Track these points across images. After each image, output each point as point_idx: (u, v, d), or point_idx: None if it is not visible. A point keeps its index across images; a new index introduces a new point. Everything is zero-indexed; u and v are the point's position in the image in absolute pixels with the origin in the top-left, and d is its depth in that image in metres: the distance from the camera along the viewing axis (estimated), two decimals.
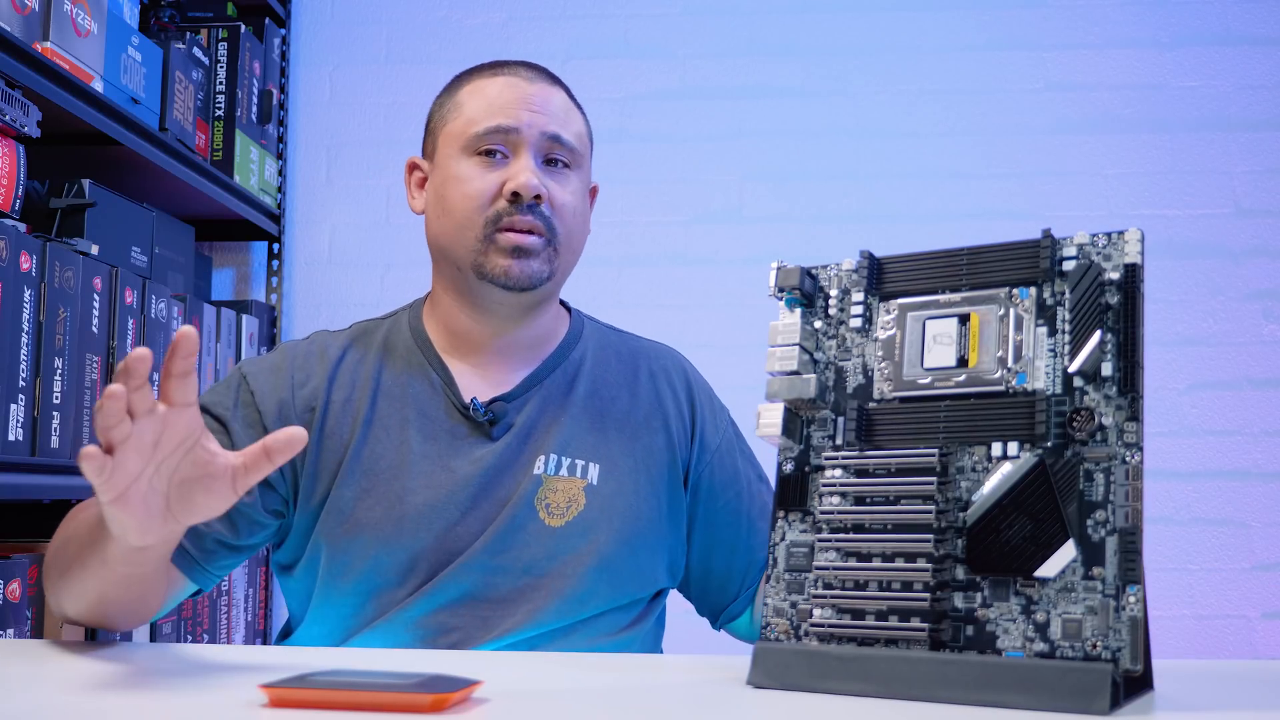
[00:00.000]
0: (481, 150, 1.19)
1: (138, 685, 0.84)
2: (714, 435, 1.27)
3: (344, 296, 2.54)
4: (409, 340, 1.24)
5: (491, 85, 1.22)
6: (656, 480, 1.22)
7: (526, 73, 1.23)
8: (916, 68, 2.50)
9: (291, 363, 1.21)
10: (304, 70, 2.59)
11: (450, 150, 1.21)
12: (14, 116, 1.52)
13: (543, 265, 1.18)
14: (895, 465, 0.79)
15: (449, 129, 1.22)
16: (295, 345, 1.24)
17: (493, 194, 1.18)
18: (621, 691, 0.83)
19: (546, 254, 1.18)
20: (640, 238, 2.49)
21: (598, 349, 1.28)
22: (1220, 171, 2.43)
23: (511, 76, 1.22)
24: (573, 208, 1.21)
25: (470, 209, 1.18)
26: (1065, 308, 0.77)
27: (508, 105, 1.20)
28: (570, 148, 1.21)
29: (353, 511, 1.15)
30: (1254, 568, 2.36)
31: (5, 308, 1.47)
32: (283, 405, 1.18)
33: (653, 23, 2.55)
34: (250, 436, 1.15)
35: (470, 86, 1.23)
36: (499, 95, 1.21)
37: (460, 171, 1.19)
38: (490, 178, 1.18)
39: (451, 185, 1.20)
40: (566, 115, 1.23)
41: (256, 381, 1.19)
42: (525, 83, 1.22)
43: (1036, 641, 0.72)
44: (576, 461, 1.19)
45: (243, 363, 1.23)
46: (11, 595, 1.45)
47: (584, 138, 1.25)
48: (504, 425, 1.19)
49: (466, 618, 1.13)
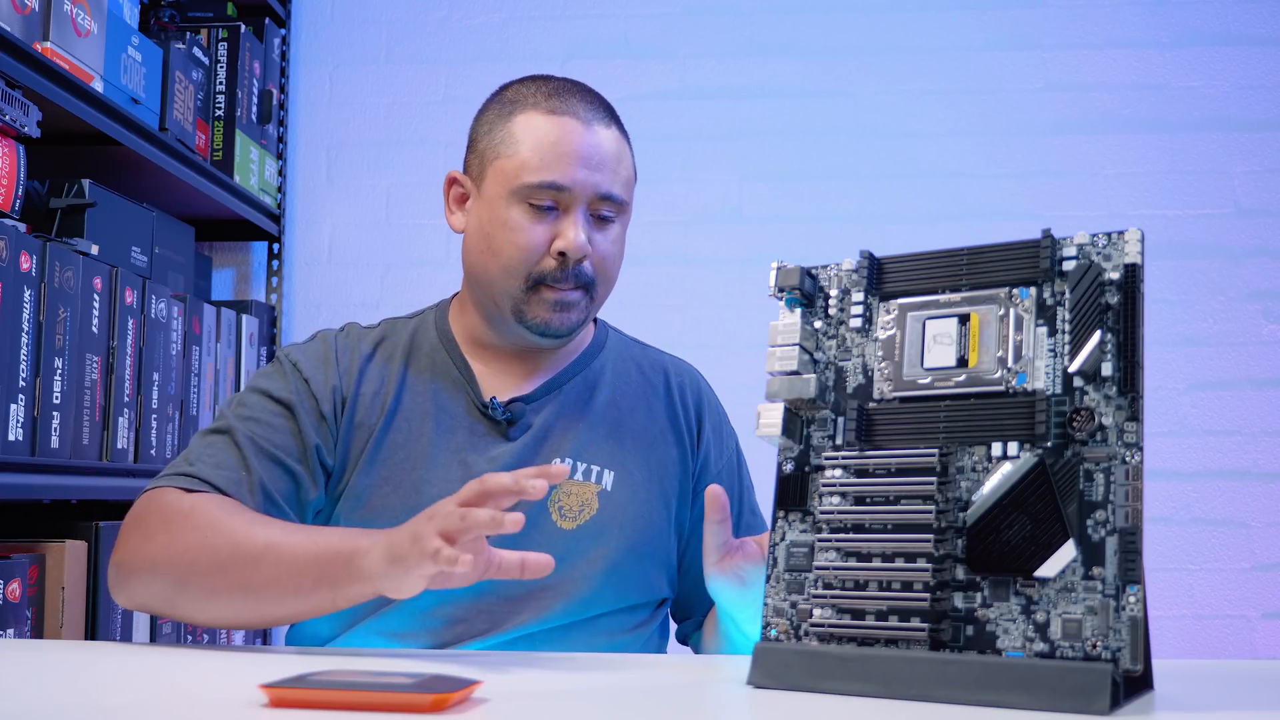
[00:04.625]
0: (531, 201, 1.17)
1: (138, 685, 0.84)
2: (717, 460, 1.29)
3: (344, 296, 2.53)
4: (434, 339, 1.26)
5: (548, 127, 1.18)
6: (668, 493, 1.24)
7: (584, 112, 1.19)
8: (917, 68, 2.50)
9: (334, 351, 1.23)
10: (304, 70, 2.59)
11: (499, 190, 1.19)
12: (14, 116, 1.52)
13: (580, 315, 1.21)
14: (895, 465, 0.79)
15: (500, 165, 1.19)
16: (332, 335, 1.26)
17: (541, 250, 1.18)
18: (621, 691, 0.83)
19: (584, 304, 1.20)
20: (640, 238, 2.48)
21: (619, 360, 1.30)
22: (1220, 171, 2.43)
23: (568, 118, 1.18)
24: (614, 257, 1.22)
25: (517, 259, 1.18)
26: (1065, 308, 0.77)
27: (562, 158, 1.17)
28: (619, 201, 1.20)
29: (370, 498, 1.17)
30: (1254, 568, 2.35)
31: (5, 308, 1.47)
32: (334, 392, 1.20)
33: (653, 23, 2.55)
34: (311, 422, 1.17)
35: (524, 120, 1.19)
36: (555, 144, 1.17)
37: (510, 219, 1.18)
38: (539, 231, 1.17)
39: (500, 231, 1.19)
40: (618, 164, 1.20)
41: (308, 369, 1.21)
42: (582, 128, 1.18)
43: (1036, 641, 0.72)
44: (592, 467, 1.21)
45: (287, 350, 1.24)
46: (11, 595, 1.45)
47: (631, 182, 1.24)
48: (521, 426, 1.21)
49: (473, 612, 1.15)
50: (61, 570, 1.54)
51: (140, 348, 1.81)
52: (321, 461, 1.17)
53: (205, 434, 1.16)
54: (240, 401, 1.18)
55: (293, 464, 1.14)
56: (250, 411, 1.16)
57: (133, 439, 1.79)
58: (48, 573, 1.53)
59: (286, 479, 1.14)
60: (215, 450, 1.13)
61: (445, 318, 1.29)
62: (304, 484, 1.15)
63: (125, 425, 1.77)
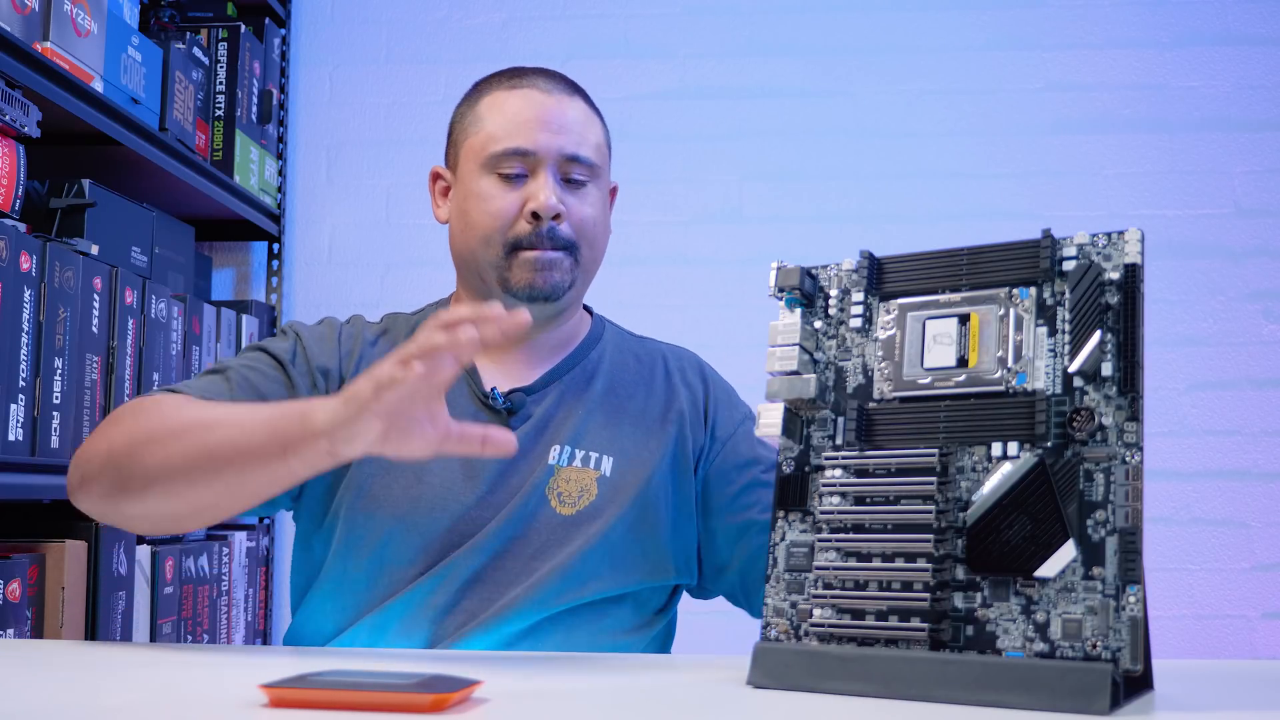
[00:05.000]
0: (500, 170, 1.22)
1: (138, 685, 0.84)
2: (727, 426, 1.28)
3: (344, 296, 2.54)
4: None
5: (510, 100, 1.23)
6: (669, 475, 1.24)
7: (544, 84, 1.24)
8: (917, 68, 2.50)
9: (337, 335, 1.26)
10: (304, 70, 2.59)
11: (471, 166, 1.24)
12: (14, 116, 1.52)
13: (565, 276, 1.22)
14: (895, 465, 0.79)
15: (469, 144, 1.24)
16: (337, 322, 1.29)
17: (513, 213, 1.21)
18: (621, 691, 0.83)
19: (568, 264, 1.22)
20: (640, 238, 2.49)
21: (616, 350, 1.32)
22: (1220, 171, 2.43)
23: (529, 89, 1.24)
24: (592, 219, 1.24)
25: (492, 227, 1.21)
26: (1065, 308, 0.77)
27: (525, 125, 1.21)
28: (588, 163, 1.23)
29: (370, 488, 1.19)
30: (1254, 568, 2.36)
31: (5, 308, 1.47)
32: (328, 373, 1.22)
33: (653, 23, 2.55)
34: (304, 385, 1.20)
35: (489, 99, 1.25)
36: (517, 113, 1.22)
37: (481, 189, 1.22)
38: (510, 197, 1.21)
39: (473, 202, 1.23)
40: (584, 129, 1.24)
41: (309, 343, 1.24)
42: (543, 96, 1.23)
43: (1036, 641, 0.72)
44: (590, 453, 1.22)
45: (293, 323, 1.28)
46: (11, 595, 1.45)
47: (602, 148, 1.26)
48: (522, 416, 1.23)
49: (473, 598, 1.15)
50: (61, 570, 1.54)
51: (140, 348, 1.81)
52: None
53: (204, 372, 1.20)
54: (243, 354, 1.23)
55: None
56: (246, 360, 1.21)
57: None
58: (48, 573, 1.53)
59: None
60: (206, 382, 1.17)
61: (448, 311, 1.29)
62: None
63: None
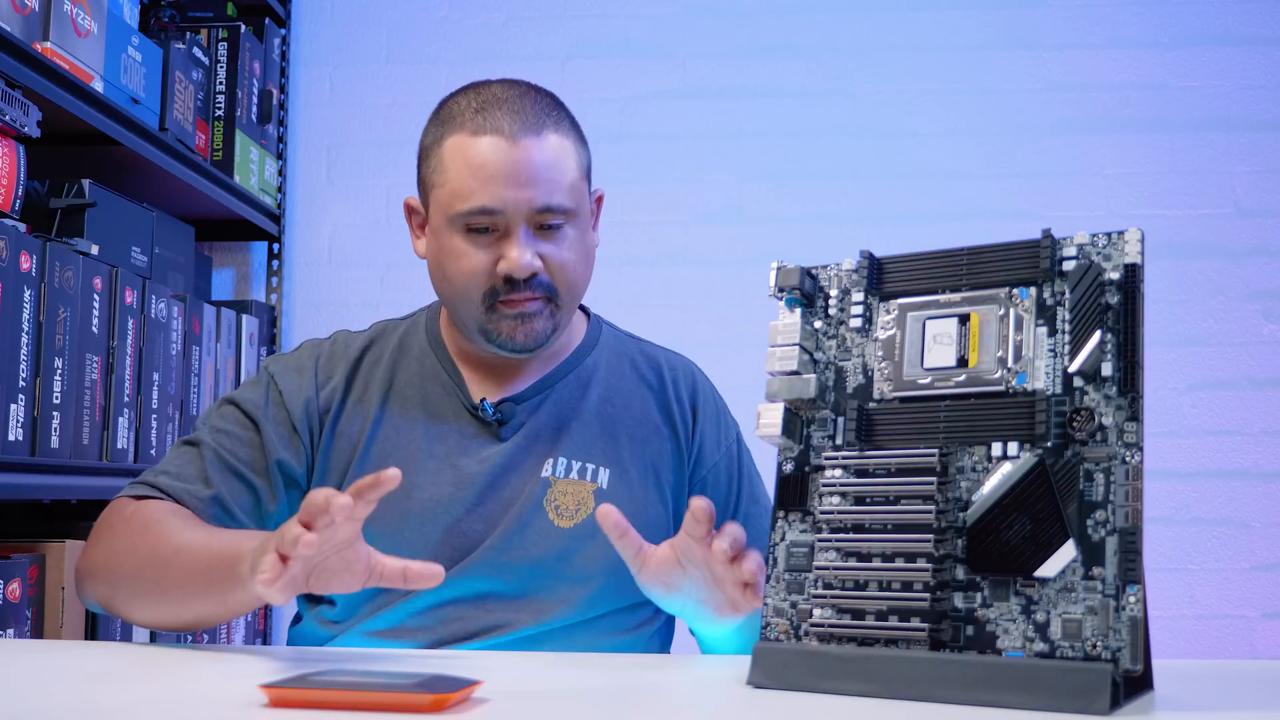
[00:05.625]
0: (470, 225, 1.15)
1: (138, 685, 0.84)
2: (713, 452, 1.27)
3: (344, 296, 2.54)
4: (424, 342, 1.26)
5: (473, 149, 1.14)
6: (665, 487, 1.24)
7: (509, 124, 1.14)
8: (917, 68, 2.50)
9: (315, 362, 1.24)
10: (304, 70, 2.59)
11: (440, 220, 1.17)
12: (14, 116, 1.52)
13: (547, 323, 1.18)
14: (895, 465, 0.79)
15: (437, 195, 1.17)
16: (318, 345, 1.27)
17: (487, 272, 1.15)
18: (621, 691, 0.83)
19: (549, 311, 1.18)
20: (640, 238, 2.49)
21: (613, 356, 1.29)
22: (1220, 171, 2.43)
23: (493, 136, 1.14)
24: (571, 263, 1.18)
25: (468, 285, 1.16)
26: (1065, 308, 0.77)
27: (490, 181, 1.13)
28: (562, 210, 1.15)
29: None
30: (1254, 568, 2.36)
31: (5, 308, 1.47)
32: (308, 404, 1.21)
33: (653, 23, 2.55)
34: (279, 434, 1.19)
35: (453, 144, 1.16)
36: (481, 166, 1.13)
37: (454, 247, 1.16)
38: (482, 256, 1.15)
39: (448, 259, 1.17)
40: (554, 171, 1.15)
41: (284, 381, 1.22)
42: (507, 146, 1.13)
43: (1036, 641, 0.72)
44: (587, 465, 1.20)
45: (268, 361, 1.26)
46: (11, 595, 1.45)
47: (577, 185, 1.18)
48: (513, 426, 1.21)
49: (474, 613, 1.15)
50: (61, 570, 1.54)
51: (140, 348, 1.81)
52: (286, 474, 1.18)
53: (180, 444, 1.20)
54: (217, 411, 1.22)
55: (253, 478, 1.17)
56: (221, 423, 1.20)
57: (133, 439, 1.79)
58: (48, 573, 1.53)
59: (246, 492, 1.17)
60: (181, 461, 1.17)
61: (435, 320, 1.28)
62: (263, 497, 1.17)
63: (125, 425, 1.77)
